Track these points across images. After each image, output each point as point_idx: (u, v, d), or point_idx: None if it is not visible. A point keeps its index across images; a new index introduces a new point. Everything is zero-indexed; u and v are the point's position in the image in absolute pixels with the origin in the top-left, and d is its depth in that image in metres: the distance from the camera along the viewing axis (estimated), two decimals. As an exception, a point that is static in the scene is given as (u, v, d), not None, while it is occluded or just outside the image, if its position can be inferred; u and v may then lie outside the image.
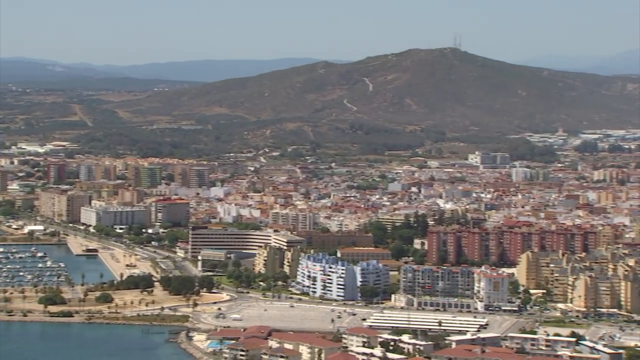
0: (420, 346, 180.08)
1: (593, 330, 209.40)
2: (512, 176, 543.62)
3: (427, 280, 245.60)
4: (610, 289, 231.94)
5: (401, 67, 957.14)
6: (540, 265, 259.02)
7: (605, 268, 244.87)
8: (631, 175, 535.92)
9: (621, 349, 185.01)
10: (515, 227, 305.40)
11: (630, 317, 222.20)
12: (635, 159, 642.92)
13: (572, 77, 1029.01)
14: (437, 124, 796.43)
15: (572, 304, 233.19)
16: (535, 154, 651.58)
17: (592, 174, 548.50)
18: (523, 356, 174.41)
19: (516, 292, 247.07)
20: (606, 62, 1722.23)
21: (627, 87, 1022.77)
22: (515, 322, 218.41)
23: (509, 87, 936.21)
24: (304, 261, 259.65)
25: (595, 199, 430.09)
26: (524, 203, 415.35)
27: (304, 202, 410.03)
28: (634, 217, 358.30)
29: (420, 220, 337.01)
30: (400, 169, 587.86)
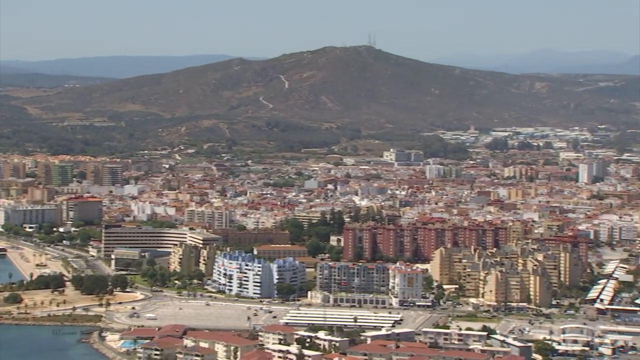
0: (336, 342, 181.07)
1: (503, 324, 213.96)
2: (426, 173, 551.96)
3: (343, 277, 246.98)
4: (520, 283, 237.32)
5: (317, 65, 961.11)
6: (453, 260, 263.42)
7: (515, 263, 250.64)
8: (540, 172, 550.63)
9: (530, 342, 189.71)
10: (429, 224, 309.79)
11: (539, 311, 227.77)
12: (543, 156, 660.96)
13: (482, 76, 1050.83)
14: (352, 121, 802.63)
15: (484, 299, 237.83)
16: (448, 152, 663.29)
17: (502, 171, 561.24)
18: (436, 350, 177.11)
19: (430, 288, 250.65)
20: (515, 61, 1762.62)
21: (535, 85, 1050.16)
22: (429, 317, 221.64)
23: (423, 85, 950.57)
24: (220, 259, 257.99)
25: (505, 196, 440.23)
26: (437, 200, 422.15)
27: (220, 200, 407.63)
28: (542, 212, 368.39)
29: (336, 217, 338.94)
30: (316, 166, 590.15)
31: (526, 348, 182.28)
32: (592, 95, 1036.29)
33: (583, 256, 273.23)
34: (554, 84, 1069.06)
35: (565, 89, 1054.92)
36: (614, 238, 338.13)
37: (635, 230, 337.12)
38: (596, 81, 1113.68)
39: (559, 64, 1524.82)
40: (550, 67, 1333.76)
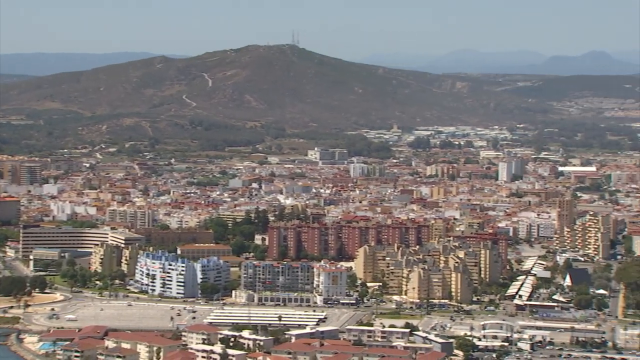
0: (261, 341, 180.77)
1: (426, 320, 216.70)
2: (350, 172, 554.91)
3: (268, 276, 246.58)
4: (442, 280, 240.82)
5: (240, 63, 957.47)
6: (376, 258, 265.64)
7: (437, 260, 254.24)
8: (461, 171, 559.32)
9: (452, 338, 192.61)
10: (353, 222, 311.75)
11: (460, 307, 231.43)
12: (464, 154, 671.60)
13: (405, 75, 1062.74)
14: (276, 120, 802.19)
15: (407, 296, 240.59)
16: (371, 150, 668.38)
17: (425, 170, 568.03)
18: (360, 348, 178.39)
19: (354, 286, 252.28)
20: (437, 61, 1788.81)
21: (456, 85, 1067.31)
22: (353, 314, 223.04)
23: (347, 84, 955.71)
24: (142, 259, 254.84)
25: (428, 194, 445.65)
26: (361, 198, 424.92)
27: (143, 199, 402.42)
28: (463, 210, 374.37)
29: (261, 216, 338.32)
30: (240, 165, 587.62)
31: (448, 344, 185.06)
32: (511, 95, 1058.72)
33: (503, 253, 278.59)
34: (475, 83, 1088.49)
35: (485, 88, 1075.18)
36: (532, 235, 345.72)
37: (553, 227, 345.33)
38: (515, 81, 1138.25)
39: (479, 64, 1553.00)
40: (470, 67, 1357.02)
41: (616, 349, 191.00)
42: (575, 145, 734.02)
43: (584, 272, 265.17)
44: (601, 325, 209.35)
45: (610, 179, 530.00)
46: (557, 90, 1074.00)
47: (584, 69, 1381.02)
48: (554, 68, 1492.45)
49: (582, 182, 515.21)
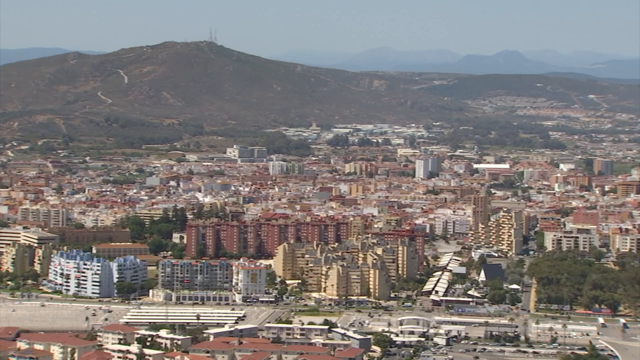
0: (178, 340, 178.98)
1: (344, 317, 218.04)
2: (269, 169, 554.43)
3: (186, 275, 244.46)
4: (360, 277, 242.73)
5: (157, 60, 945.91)
6: (296, 256, 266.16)
7: (356, 257, 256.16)
8: (379, 168, 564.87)
9: (370, 335, 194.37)
10: (273, 220, 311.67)
11: (378, 304, 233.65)
12: (382, 152, 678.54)
13: (324, 73, 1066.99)
14: (195, 117, 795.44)
15: (326, 293, 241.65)
16: (291, 148, 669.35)
17: (343, 167, 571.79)
18: (279, 345, 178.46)
19: (273, 283, 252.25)
20: (355, 59, 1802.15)
21: (374, 83, 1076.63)
22: (272, 312, 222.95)
23: (265, 81, 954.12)
24: (56, 258, 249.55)
25: (346, 191, 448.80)
26: (280, 196, 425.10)
27: (57, 198, 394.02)
28: (381, 207, 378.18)
29: (179, 214, 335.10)
30: (158, 162, 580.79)
31: (365, 340, 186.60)
32: (427, 93, 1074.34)
33: (419, 250, 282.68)
34: (392, 81, 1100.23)
35: (402, 87, 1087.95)
36: (448, 231, 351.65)
37: (468, 223, 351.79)
38: (431, 80, 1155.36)
39: (396, 63, 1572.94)
40: (387, 66, 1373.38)
41: (528, 342, 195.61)
42: (489, 143, 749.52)
43: (497, 267, 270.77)
44: (514, 319, 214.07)
45: (523, 176, 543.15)
46: (471, 88, 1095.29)
47: (497, 68, 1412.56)
48: (468, 67, 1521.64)
49: (496, 179, 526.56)
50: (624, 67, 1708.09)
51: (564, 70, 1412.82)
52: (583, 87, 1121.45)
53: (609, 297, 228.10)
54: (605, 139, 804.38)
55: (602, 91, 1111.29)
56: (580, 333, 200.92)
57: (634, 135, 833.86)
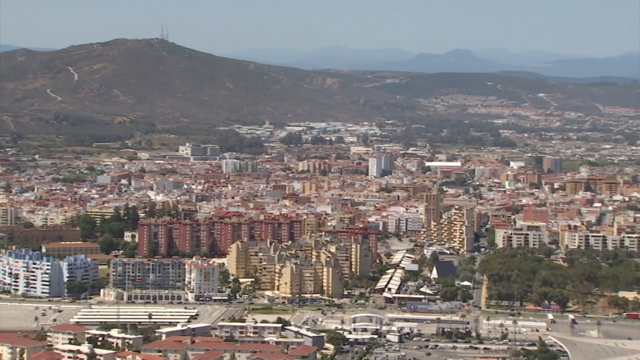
0: (130, 340, 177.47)
1: (298, 315, 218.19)
2: (222, 167, 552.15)
3: (138, 273, 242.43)
4: (314, 275, 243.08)
5: (107, 57, 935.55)
6: (249, 254, 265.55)
7: (309, 255, 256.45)
8: (332, 166, 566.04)
9: (323, 332, 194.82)
10: (226, 218, 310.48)
11: (332, 301, 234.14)
12: (335, 150, 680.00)
13: (276, 71, 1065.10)
14: (146, 115, 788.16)
15: (279, 291, 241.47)
16: (244, 146, 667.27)
17: (297, 165, 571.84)
18: (232, 344, 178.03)
19: (226, 282, 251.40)
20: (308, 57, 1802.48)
21: (327, 81, 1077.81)
22: (225, 311, 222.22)
23: (217, 79, 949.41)
24: (4, 258, 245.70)
25: (300, 189, 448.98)
26: (233, 194, 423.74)
27: (5, 196, 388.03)
28: (335, 205, 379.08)
29: (131, 212, 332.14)
30: (109, 161, 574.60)
31: (319, 338, 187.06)
32: (380, 91, 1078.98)
33: (372, 247, 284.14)
34: (345, 80, 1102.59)
35: (355, 85, 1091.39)
36: (401, 229, 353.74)
37: (420, 221, 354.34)
38: (383, 78, 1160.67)
39: (349, 61, 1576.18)
40: (340, 64, 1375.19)
41: (479, 338, 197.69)
42: (441, 141, 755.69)
43: (449, 264, 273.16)
44: (465, 316, 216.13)
45: (474, 173, 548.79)
46: (423, 87, 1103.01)
47: (449, 67, 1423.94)
48: (420, 65, 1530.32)
49: (447, 177, 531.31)
50: (571, 66, 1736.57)
51: (514, 69, 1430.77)
52: (532, 85, 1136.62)
53: (558, 294, 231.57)
54: (554, 137, 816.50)
55: (551, 90, 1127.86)
56: (530, 329, 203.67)
57: (582, 133, 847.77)
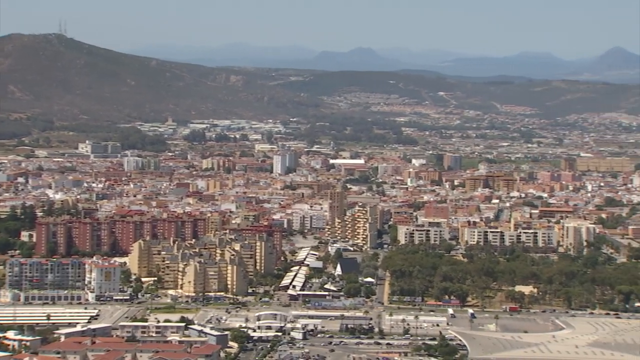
0: (27, 342, 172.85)
1: (202, 314, 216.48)
2: (123, 165, 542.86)
3: (36, 274, 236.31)
4: (218, 273, 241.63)
5: (3, 53, 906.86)
6: (151, 253, 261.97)
7: (213, 253, 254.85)
8: (236, 164, 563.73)
9: (227, 331, 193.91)
10: (127, 216, 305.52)
11: (236, 300, 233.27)
12: (239, 148, 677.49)
13: (179, 68, 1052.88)
14: (44, 112, 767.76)
15: (183, 290, 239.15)
16: (146, 143, 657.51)
17: (201, 163, 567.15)
18: (133, 344, 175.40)
19: (128, 281, 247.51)
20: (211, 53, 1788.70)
21: (230, 78, 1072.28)
22: (127, 310, 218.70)
23: (118, 75, 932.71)
24: None
25: (204, 187, 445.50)
26: (135, 192, 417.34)
27: None
28: (239, 203, 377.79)
29: (28, 211, 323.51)
30: (5, 158, 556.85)
31: (223, 336, 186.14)
32: (284, 89, 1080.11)
33: (277, 245, 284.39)
34: (249, 77, 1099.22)
35: (259, 82, 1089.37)
36: (306, 226, 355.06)
37: (325, 218, 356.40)
38: (287, 75, 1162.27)
39: (253, 58, 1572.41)
40: (244, 61, 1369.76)
41: (382, 334, 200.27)
42: (345, 139, 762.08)
43: (353, 261, 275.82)
44: (369, 312, 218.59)
45: (377, 171, 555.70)
46: (327, 85, 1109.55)
47: (352, 65, 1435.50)
48: (323, 63, 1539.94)
49: (351, 174, 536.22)
50: (470, 65, 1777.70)
51: (415, 67, 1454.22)
52: (433, 84, 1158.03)
53: (458, 289, 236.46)
54: (454, 135, 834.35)
55: (451, 88, 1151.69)
56: (431, 324, 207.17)
57: (481, 131, 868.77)
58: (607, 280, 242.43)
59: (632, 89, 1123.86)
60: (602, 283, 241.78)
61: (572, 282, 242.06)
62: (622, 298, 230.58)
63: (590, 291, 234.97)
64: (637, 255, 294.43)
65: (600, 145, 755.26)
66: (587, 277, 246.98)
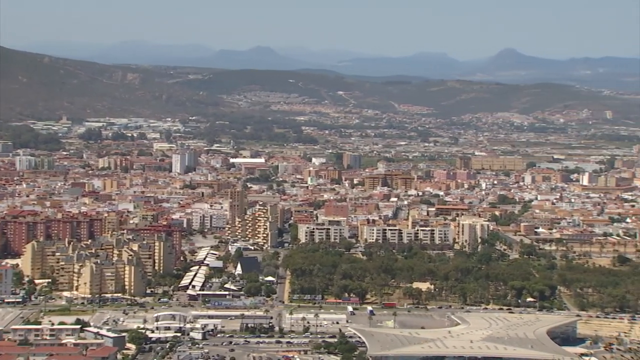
0: None
1: (98, 315, 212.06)
2: (15, 165, 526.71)
3: None
4: (115, 274, 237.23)
5: None
6: (45, 254, 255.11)
7: (110, 254, 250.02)
8: (134, 163, 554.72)
9: (124, 332, 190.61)
10: (20, 217, 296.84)
11: (134, 301, 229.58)
12: (137, 146, 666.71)
13: (74, 65, 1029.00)
14: None
15: (78, 291, 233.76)
16: (39, 142, 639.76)
17: (97, 162, 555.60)
18: (26, 348, 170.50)
19: (21, 283, 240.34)
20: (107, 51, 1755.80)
21: (127, 76, 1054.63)
22: (20, 313, 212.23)
23: (9, 72, 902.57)
24: None
25: (100, 187, 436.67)
26: (28, 192, 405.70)
27: None
28: (137, 203, 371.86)
29: None
30: None
31: (120, 338, 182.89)
32: (183, 87, 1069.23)
33: (176, 244, 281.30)
34: (146, 75, 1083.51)
35: (157, 80, 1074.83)
36: (206, 226, 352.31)
37: (225, 217, 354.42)
38: (186, 74, 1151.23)
39: (150, 56, 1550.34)
40: (141, 59, 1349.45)
41: (282, 332, 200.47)
42: (245, 138, 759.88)
43: (253, 260, 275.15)
44: (269, 311, 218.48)
45: (278, 170, 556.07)
46: (227, 83, 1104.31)
47: (252, 64, 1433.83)
48: (223, 62, 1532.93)
49: (252, 173, 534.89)
50: (368, 65, 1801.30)
51: (314, 67, 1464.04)
52: (332, 83, 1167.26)
53: (358, 286, 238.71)
54: (353, 134, 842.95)
55: (350, 88, 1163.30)
56: (331, 322, 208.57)
57: (379, 130, 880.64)
58: (500, 276, 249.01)
59: (523, 89, 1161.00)
60: (495, 279, 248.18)
61: (467, 279, 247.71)
62: (515, 293, 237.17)
63: (484, 287, 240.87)
64: (529, 252, 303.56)
65: (494, 144, 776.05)
66: (482, 273, 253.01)
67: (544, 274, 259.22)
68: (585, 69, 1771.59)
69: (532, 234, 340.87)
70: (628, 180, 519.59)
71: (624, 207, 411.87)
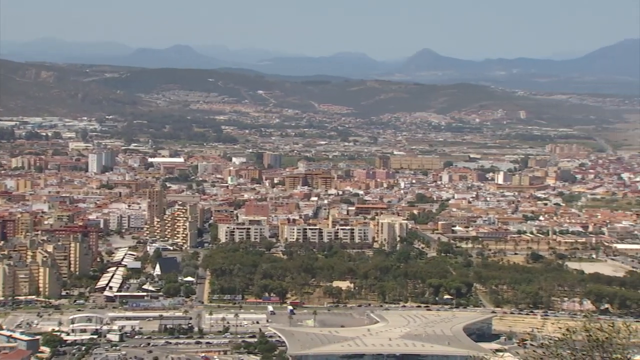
0: None
1: (11, 318, 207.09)
2: None
3: None
4: (29, 276, 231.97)
5: None
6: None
7: (24, 255, 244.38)
8: (49, 163, 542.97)
9: (39, 335, 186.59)
10: None
11: (49, 303, 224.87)
12: (52, 146, 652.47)
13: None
14: None
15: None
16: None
17: (9, 162, 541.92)
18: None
19: None
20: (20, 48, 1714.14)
21: (41, 74, 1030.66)
22: None
23: None
24: None
25: (13, 187, 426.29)
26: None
27: None
28: (52, 203, 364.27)
29: None
30: None
31: (33, 341, 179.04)
32: (99, 85, 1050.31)
33: (93, 245, 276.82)
34: (60, 73, 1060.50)
35: (72, 78, 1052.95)
36: (123, 226, 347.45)
37: (143, 217, 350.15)
38: (102, 72, 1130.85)
39: (65, 54, 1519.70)
40: (56, 57, 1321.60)
41: (202, 333, 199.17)
42: (164, 137, 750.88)
43: (173, 261, 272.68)
44: (188, 311, 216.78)
45: (197, 169, 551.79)
46: (144, 82, 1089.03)
47: (170, 62, 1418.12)
48: (141, 60, 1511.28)
49: (171, 172, 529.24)
50: (288, 65, 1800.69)
51: (234, 66, 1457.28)
52: (252, 83, 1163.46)
53: (278, 286, 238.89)
54: (274, 134, 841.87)
55: (270, 87, 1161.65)
56: (251, 321, 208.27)
57: (300, 130, 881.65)
58: (418, 274, 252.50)
59: (440, 89, 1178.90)
60: (414, 277, 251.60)
61: (386, 277, 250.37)
62: (432, 291, 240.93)
63: (402, 285, 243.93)
64: (446, 250, 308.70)
65: (412, 143, 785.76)
66: (400, 271, 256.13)
67: (460, 271, 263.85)
68: (499, 69, 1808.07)
69: (449, 232, 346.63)
70: (541, 179, 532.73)
71: (537, 205, 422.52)
